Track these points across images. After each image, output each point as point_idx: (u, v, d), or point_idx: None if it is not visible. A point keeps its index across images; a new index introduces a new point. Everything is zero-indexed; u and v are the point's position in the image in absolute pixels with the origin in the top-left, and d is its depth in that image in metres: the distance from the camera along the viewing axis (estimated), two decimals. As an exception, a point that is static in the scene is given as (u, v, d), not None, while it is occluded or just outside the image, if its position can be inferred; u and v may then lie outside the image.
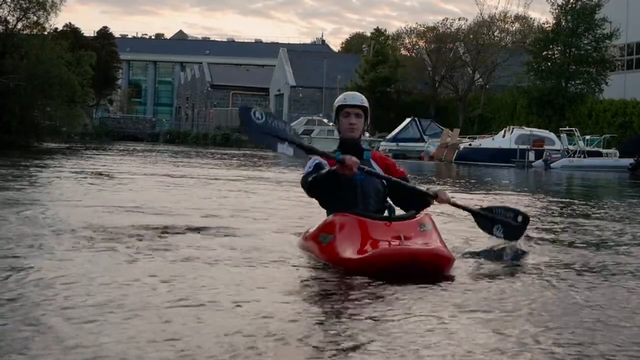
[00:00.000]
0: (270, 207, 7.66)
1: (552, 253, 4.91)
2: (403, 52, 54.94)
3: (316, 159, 4.29)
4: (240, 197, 9.14)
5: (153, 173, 14.22)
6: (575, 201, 11.29)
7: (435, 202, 4.37)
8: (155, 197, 8.60)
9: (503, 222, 4.61)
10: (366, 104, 4.42)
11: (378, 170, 4.36)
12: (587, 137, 30.94)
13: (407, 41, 55.59)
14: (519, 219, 4.64)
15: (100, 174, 13.10)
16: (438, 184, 13.89)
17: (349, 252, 3.74)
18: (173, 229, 5.46)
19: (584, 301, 3.40)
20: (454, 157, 31.95)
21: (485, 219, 4.69)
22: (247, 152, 35.53)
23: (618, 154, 29.03)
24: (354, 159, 4.02)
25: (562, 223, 7.22)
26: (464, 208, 4.76)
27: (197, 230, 5.45)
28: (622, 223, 7.35)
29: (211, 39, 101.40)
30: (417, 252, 3.65)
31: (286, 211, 7.30)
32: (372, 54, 50.17)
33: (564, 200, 11.52)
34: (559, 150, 29.88)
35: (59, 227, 5.30)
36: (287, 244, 4.70)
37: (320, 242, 4.05)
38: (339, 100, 4.47)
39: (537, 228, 6.56)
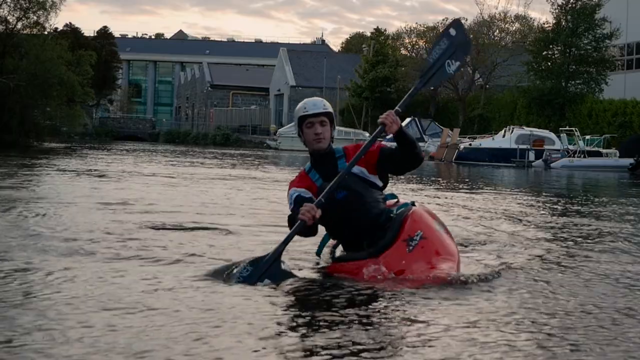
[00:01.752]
0: (255, 206, 7.78)
1: (553, 255, 4.90)
2: (403, 52, 54.97)
3: (294, 192, 3.93)
4: (229, 196, 9.22)
5: (149, 172, 14.23)
6: (576, 201, 11.29)
7: (387, 130, 3.79)
8: (147, 195, 8.68)
9: (447, 55, 4.10)
10: (330, 109, 3.99)
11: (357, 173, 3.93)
12: (587, 137, 30.94)
13: (407, 41, 55.68)
14: (452, 32, 4.15)
15: (95, 172, 13.15)
16: (438, 184, 13.89)
17: None
18: (156, 226, 5.57)
19: (581, 305, 3.39)
20: (454, 157, 31.96)
21: (434, 75, 4.13)
22: (246, 152, 35.55)
23: (618, 154, 29.02)
24: (307, 208, 3.59)
25: (562, 223, 7.21)
26: (412, 94, 4.14)
27: (181, 228, 5.56)
28: (623, 223, 7.35)
29: (211, 38, 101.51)
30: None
31: (266, 209, 7.39)
32: (372, 54, 50.18)
33: (564, 200, 11.52)
34: (559, 150, 29.89)
35: (41, 226, 5.33)
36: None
37: None
38: (299, 109, 3.98)
39: (537, 228, 6.56)
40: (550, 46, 38.37)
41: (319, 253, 4.21)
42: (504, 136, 31.87)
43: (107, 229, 5.30)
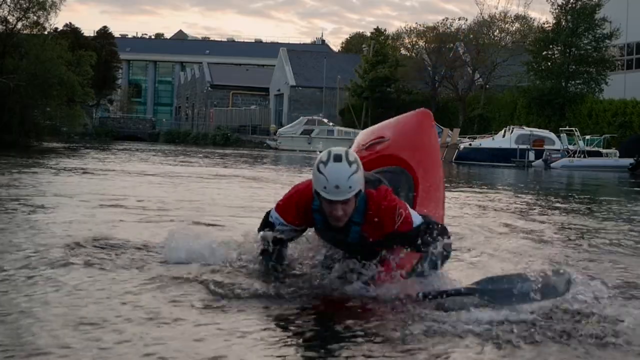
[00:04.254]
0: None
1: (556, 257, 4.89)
2: (403, 52, 54.95)
3: (276, 219, 3.52)
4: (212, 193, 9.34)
5: (138, 171, 14.30)
6: (577, 201, 11.28)
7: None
8: (128, 193, 8.80)
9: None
10: (357, 187, 3.25)
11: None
12: (587, 137, 30.95)
13: (407, 41, 55.69)
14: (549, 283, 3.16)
15: (85, 171, 13.25)
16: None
17: None
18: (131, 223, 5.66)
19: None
20: (454, 157, 31.95)
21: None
22: (245, 151, 35.54)
23: (618, 154, 29.02)
24: None
25: (564, 224, 7.20)
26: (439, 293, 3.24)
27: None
28: (624, 223, 7.35)
29: (211, 38, 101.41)
30: None
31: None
32: (372, 54, 50.15)
33: (565, 200, 11.51)
34: (559, 150, 29.90)
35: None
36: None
37: None
38: (318, 182, 3.26)
39: (540, 228, 6.56)
40: (550, 46, 38.35)
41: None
42: (504, 136, 31.86)
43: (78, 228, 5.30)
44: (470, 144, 32.71)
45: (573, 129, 30.68)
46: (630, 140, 30.59)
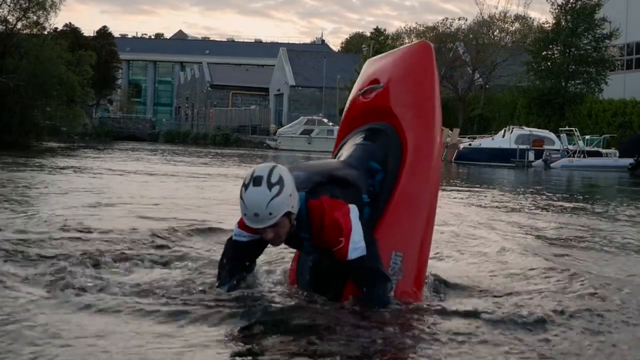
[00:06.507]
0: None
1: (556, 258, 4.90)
2: (403, 52, 54.93)
3: (238, 233, 3.24)
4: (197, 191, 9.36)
5: (130, 170, 14.34)
6: (577, 201, 11.27)
7: None
8: (124, 191, 8.83)
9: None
10: (281, 212, 2.93)
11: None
12: (587, 136, 30.93)
13: (406, 41, 55.64)
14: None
15: (78, 169, 13.26)
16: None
17: None
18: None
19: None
20: (454, 157, 31.94)
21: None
22: (245, 151, 35.52)
23: (618, 154, 29.02)
24: None
25: (565, 224, 7.20)
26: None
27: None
28: (624, 223, 7.35)
29: (211, 38, 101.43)
30: None
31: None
32: (372, 54, 50.14)
33: (565, 200, 11.50)
34: (558, 150, 29.89)
35: None
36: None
37: None
38: (241, 211, 2.99)
39: (540, 229, 6.56)
40: (550, 46, 38.34)
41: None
42: (503, 136, 31.84)
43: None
44: (470, 144, 32.70)
45: (573, 129, 30.67)
46: (630, 140, 30.57)
